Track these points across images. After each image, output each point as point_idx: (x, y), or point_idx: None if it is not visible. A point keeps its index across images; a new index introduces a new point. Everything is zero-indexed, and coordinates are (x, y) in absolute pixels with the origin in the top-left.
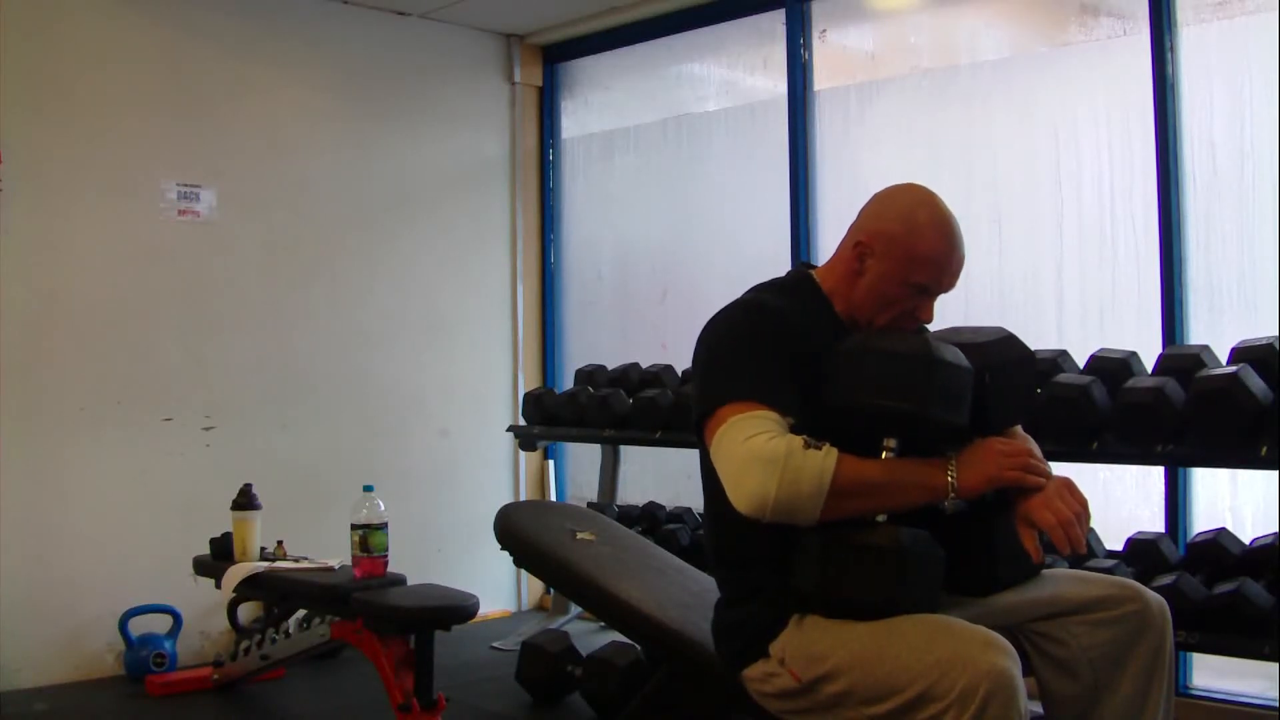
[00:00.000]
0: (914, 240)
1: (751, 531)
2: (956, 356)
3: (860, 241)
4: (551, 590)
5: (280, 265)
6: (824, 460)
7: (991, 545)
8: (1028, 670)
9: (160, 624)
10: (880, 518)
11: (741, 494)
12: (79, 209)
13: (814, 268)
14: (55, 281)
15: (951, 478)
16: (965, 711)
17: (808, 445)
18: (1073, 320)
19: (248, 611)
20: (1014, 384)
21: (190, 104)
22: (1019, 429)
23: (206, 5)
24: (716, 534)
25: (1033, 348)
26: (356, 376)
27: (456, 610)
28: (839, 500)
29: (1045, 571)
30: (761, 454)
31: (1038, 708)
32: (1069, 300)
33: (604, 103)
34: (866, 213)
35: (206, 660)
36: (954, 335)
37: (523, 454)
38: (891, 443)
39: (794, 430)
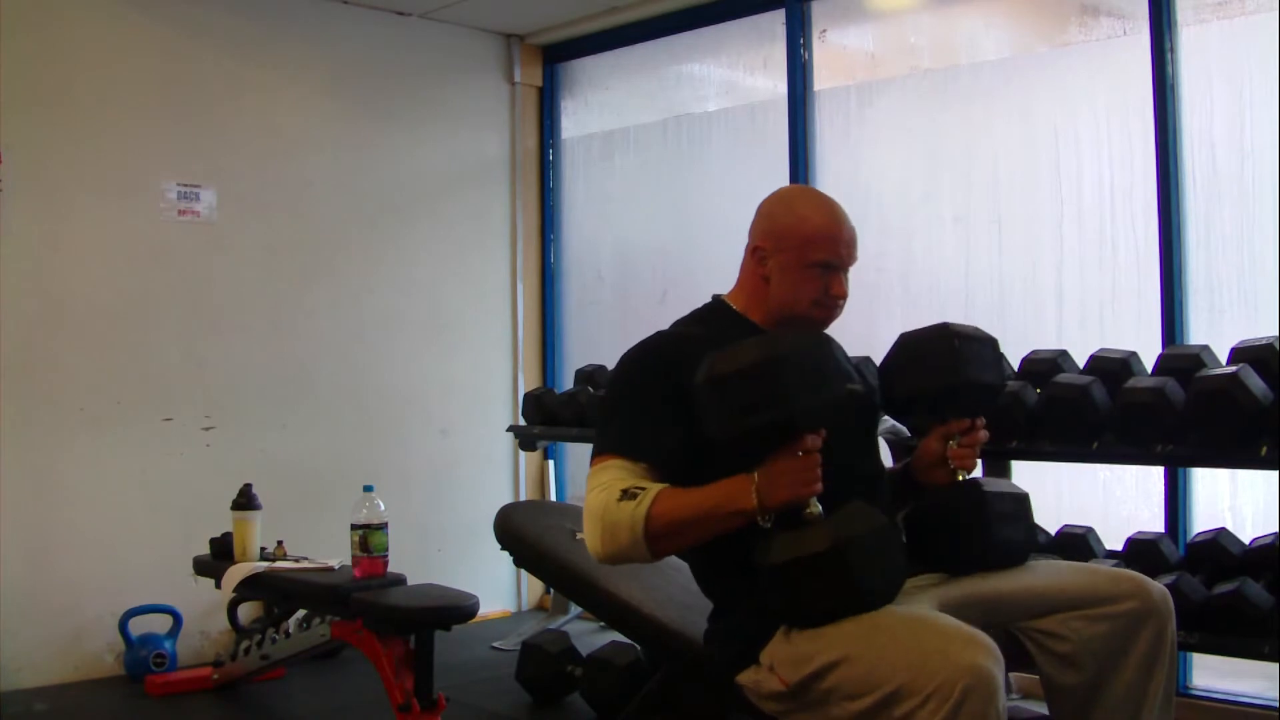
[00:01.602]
0: (800, 224)
1: (728, 544)
2: (801, 339)
3: (756, 247)
4: (551, 590)
5: (280, 265)
6: (635, 510)
7: (985, 520)
8: (1028, 666)
9: (160, 624)
10: (812, 509)
11: (588, 547)
12: (79, 209)
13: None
14: (55, 281)
15: (755, 500)
16: (942, 707)
17: (624, 496)
18: (1073, 320)
19: (248, 611)
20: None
21: (190, 104)
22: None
23: (206, 5)
24: (697, 548)
25: (1033, 348)
26: (356, 376)
27: (456, 610)
28: (660, 543)
29: (1045, 563)
30: (591, 510)
31: (1034, 706)
32: (1069, 300)
33: (604, 103)
34: (754, 222)
35: (206, 660)
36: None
37: (523, 454)
38: (815, 509)
39: (667, 468)
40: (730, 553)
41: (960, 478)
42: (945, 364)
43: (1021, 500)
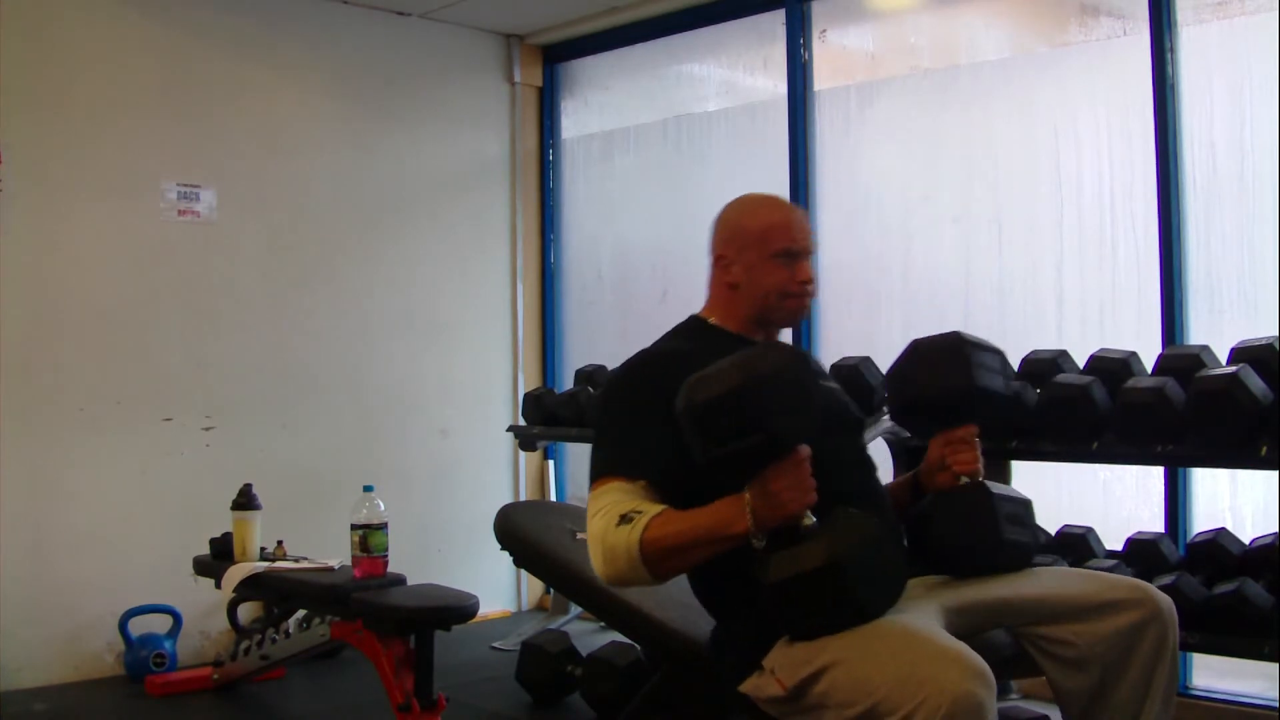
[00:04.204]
0: (752, 220)
1: (725, 556)
2: (779, 356)
3: (719, 256)
4: (551, 590)
5: (280, 265)
6: (630, 535)
7: (993, 522)
8: (1035, 672)
9: (160, 624)
10: (807, 521)
11: (596, 571)
12: (79, 209)
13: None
14: (55, 281)
15: (750, 521)
16: None
17: (622, 521)
18: (1073, 320)
19: (248, 611)
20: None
21: (190, 104)
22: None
23: (206, 5)
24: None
25: (1033, 348)
26: (356, 376)
27: (456, 610)
28: (658, 566)
29: (1051, 569)
30: (593, 535)
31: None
32: (1069, 300)
33: (604, 103)
34: (712, 237)
35: (206, 660)
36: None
37: (523, 454)
38: (810, 520)
39: (665, 482)
40: (728, 564)
41: (962, 481)
42: (959, 371)
43: (1026, 505)
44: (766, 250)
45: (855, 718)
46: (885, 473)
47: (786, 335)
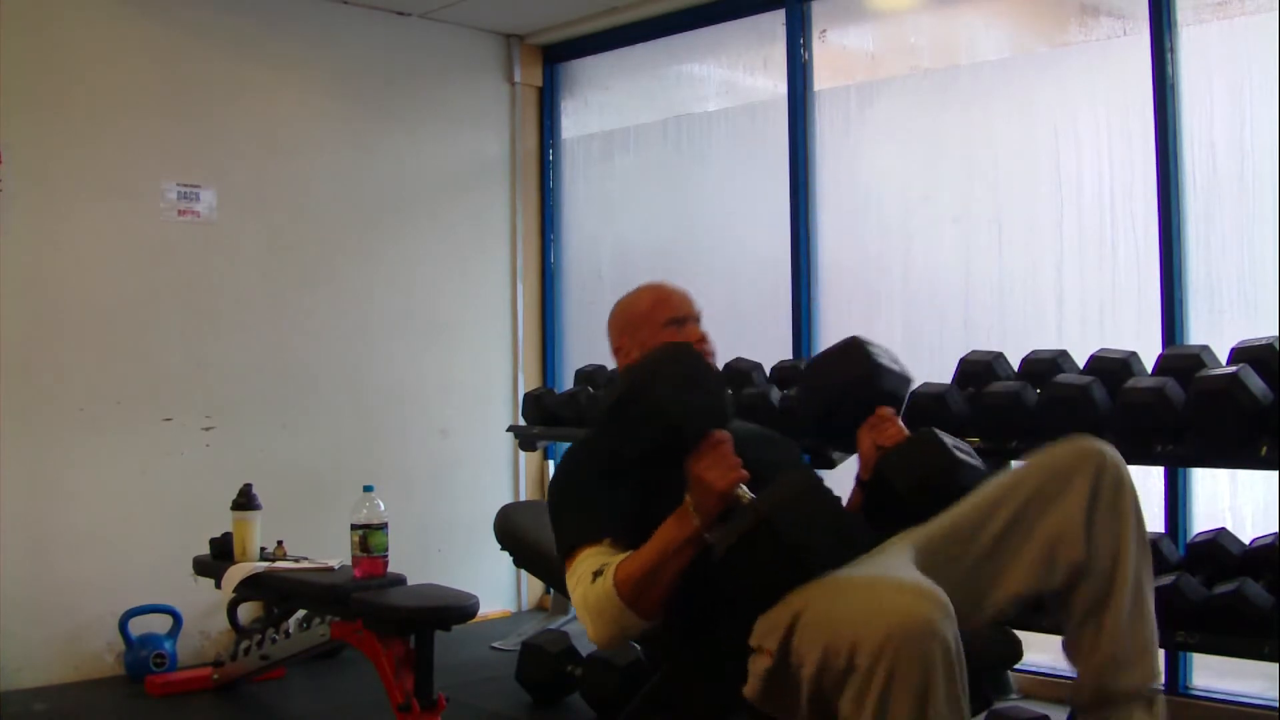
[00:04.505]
0: (636, 305)
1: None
2: (666, 355)
3: (617, 349)
4: (551, 590)
5: (280, 265)
6: (604, 584)
7: (943, 448)
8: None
9: (160, 624)
10: (743, 495)
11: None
12: (79, 209)
13: None
14: (55, 281)
15: (695, 516)
16: (878, 660)
17: (595, 578)
18: (1073, 320)
19: (248, 611)
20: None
21: (190, 104)
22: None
23: (206, 5)
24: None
25: (1033, 348)
26: (356, 376)
27: (456, 610)
28: (639, 602)
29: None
30: (578, 605)
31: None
32: (1069, 300)
33: (604, 103)
34: (609, 338)
35: (206, 660)
36: None
37: (523, 454)
38: (746, 495)
39: (627, 533)
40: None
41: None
42: (856, 361)
43: (968, 446)
44: (655, 324)
45: (827, 659)
46: None
47: (786, 342)
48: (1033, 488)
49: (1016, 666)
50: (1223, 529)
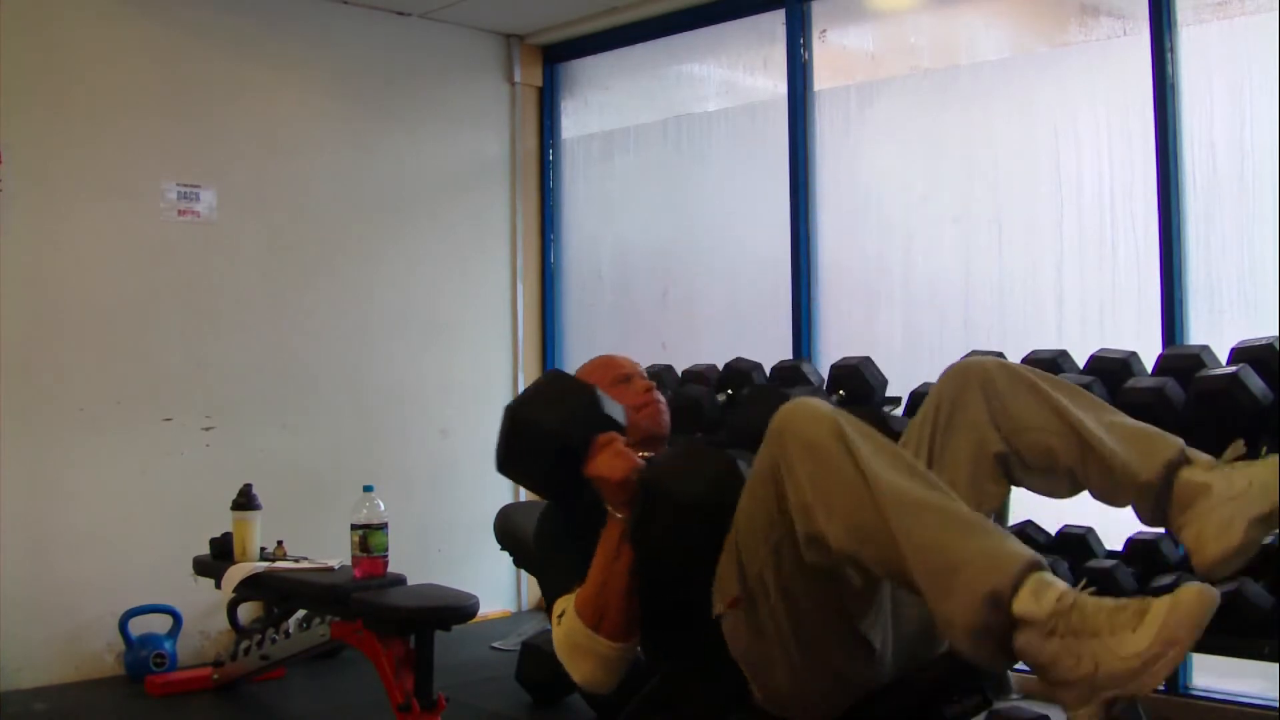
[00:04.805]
0: (585, 371)
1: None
2: (535, 386)
3: None
4: None
5: (280, 265)
6: (569, 620)
7: None
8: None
9: (160, 624)
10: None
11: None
12: (79, 209)
13: None
14: (55, 281)
15: (617, 516)
16: (788, 454)
17: (561, 618)
18: (1073, 320)
19: (248, 611)
20: None
21: (190, 104)
22: None
23: (206, 5)
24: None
25: (1033, 348)
26: (356, 376)
27: (456, 610)
28: (601, 622)
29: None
30: (558, 653)
31: (1035, 707)
32: (1069, 300)
33: (604, 103)
34: None
35: (206, 660)
36: None
37: None
38: None
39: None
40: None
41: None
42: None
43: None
44: (604, 383)
45: (770, 521)
46: None
47: (786, 342)
48: (932, 428)
49: (1016, 666)
50: None
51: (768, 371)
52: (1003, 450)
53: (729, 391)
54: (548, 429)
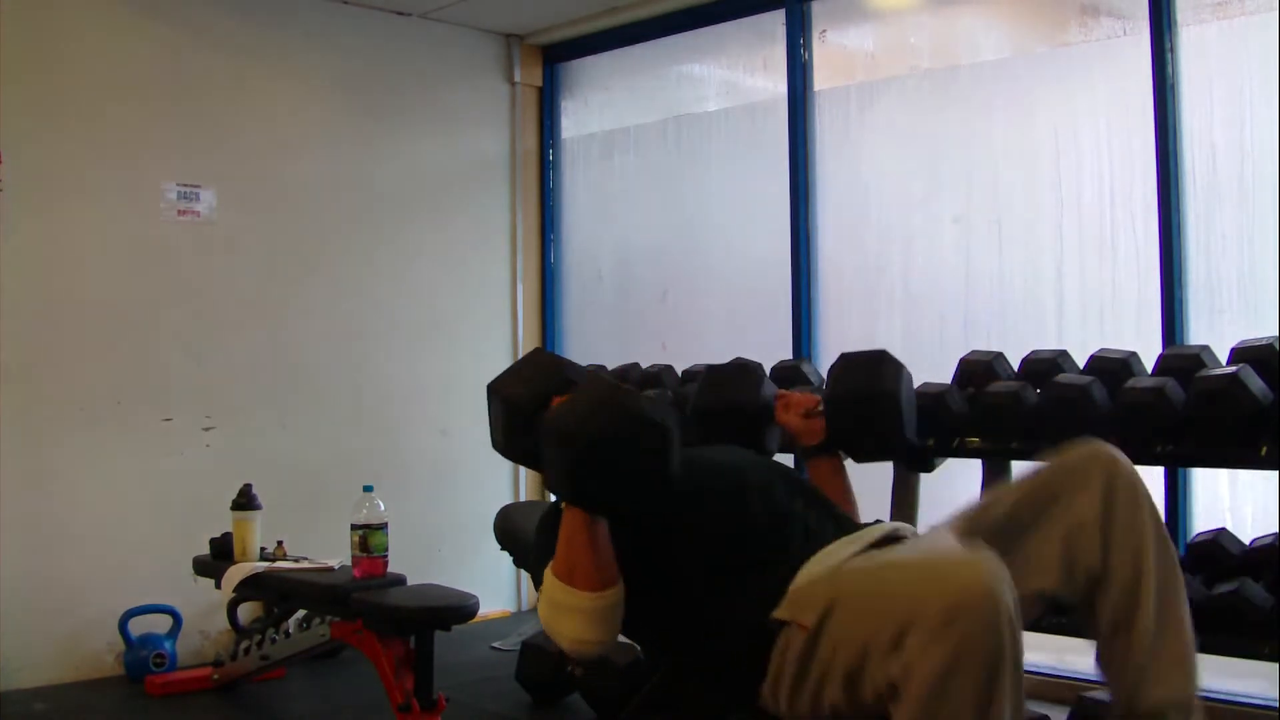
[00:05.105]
0: None
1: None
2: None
3: None
4: None
5: (280, 265)
6: (548, 584)
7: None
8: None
9: (160, 624)
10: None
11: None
12: (79, 209)
13: None
14: (55, 281)
15: None
16: (934, 639)
17: (541, 584)
18: (1073, 320)
19: (248, 611)
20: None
21: (190, 104)
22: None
23: (206, 5)
24: (666, 613)
25: (1032, 348)
26: (356, 376)
27: (456, 610)
28: (572, 572)
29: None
30: (542, 622)
31: (1035, 707)
32: (1069, 300)
33: (604, 103)
34: None
35: (206, 660)
36: None
37: None
38: None
39: None
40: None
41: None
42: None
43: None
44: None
45: (871, 642)
46: (886, 471)
47: (786, 342)
48: (1044, 482)
49: None
50: (1223, 529)
51: (768, 371)
52: (1097, 567)
53: None
54: (504, 395)
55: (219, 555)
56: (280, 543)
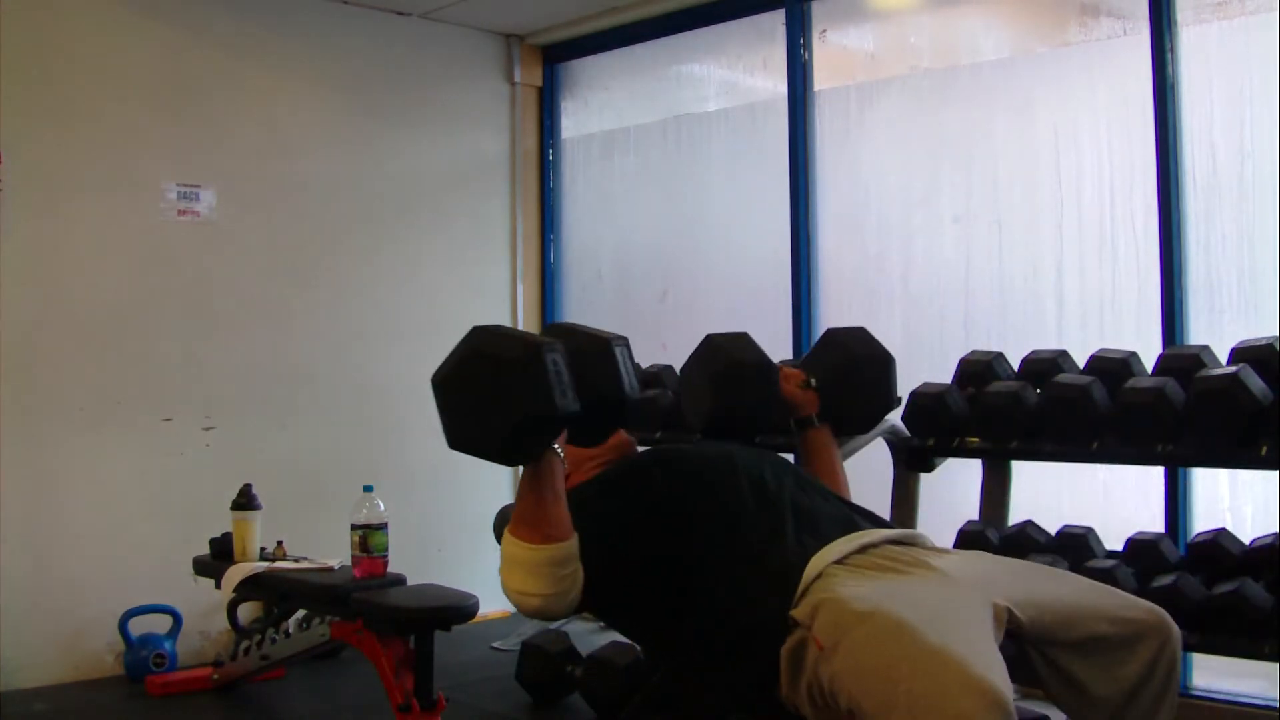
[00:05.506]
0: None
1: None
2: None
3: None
4: None
5: (280, 265)
6: (504, 542)
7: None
8: (1035, 682)
9: (160, 624)
10: None
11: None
12: (79, 209)
13: None
14: (55, 281)
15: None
16: None
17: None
18: (1073, 320)
19: (248, 611)
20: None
21: (190, 104)
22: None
23: (206, 5)
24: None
25: (1033, 348)
26: (357, 376)
27: (456, 610)
28: (519, 527)
29: (1068, 574)
30: (504, 583)
31: (1035, 707)
32: (1069, 300)
33: (604, 103)
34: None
35: (206, 660)
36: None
37: None
38: None
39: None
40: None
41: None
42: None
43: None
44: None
45: (865, 709)
46: (886, 472)
47: (787, 342)
48: (1103, 629)
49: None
50: (1223, 529)
51: None
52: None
53: None
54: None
55: (219, 555)
56: (280, 543)
